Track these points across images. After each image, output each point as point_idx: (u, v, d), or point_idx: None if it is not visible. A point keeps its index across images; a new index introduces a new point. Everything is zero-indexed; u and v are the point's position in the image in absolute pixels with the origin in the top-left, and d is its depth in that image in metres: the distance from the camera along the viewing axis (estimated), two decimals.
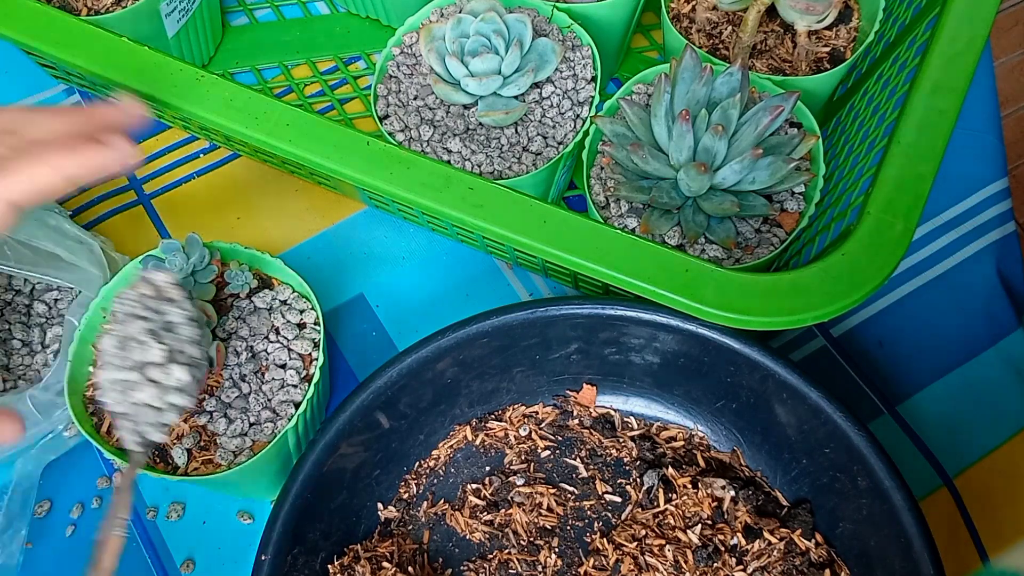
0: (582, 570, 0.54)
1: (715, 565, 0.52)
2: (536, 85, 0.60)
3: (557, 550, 0.54)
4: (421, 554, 0.55)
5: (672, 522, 0.54)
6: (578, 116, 0.60)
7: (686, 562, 0.52)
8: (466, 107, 0.60)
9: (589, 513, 0.55)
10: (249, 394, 0.53)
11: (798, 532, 0.52)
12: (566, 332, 0.54)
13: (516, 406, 0.58)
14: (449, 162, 0.58)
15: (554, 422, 0.58)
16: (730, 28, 0.62)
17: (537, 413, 0.58)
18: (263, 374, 0.54)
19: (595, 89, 0.60)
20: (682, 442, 0.57)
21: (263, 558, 0.48)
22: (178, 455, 0.51)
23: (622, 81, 0.62)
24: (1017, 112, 1.53)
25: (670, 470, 0.55)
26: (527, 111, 0.60)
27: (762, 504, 0.54)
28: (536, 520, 0.55)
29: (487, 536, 0.55)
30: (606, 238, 0.48)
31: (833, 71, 0.59)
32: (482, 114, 0.59)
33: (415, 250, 0.67)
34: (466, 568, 0.54)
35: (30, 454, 0.58)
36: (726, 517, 0.53)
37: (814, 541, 0.52)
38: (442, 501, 0.56)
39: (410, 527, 0.56)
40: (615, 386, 0.57)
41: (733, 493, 0.53)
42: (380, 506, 0.55)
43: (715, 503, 0.54)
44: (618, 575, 0.53)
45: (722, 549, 0.53)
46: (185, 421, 0.52)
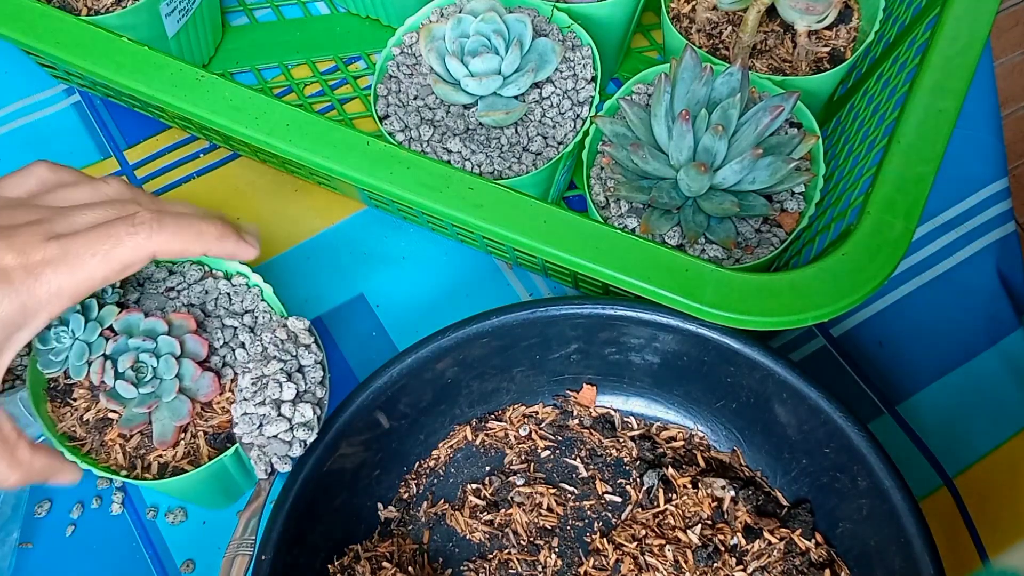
0: (582, 570, 0.54)
1: (715, 565, 0.52)
2: (536, 85, 0.60)
3: (557, 550, 0.54)
4: (421, 554, 0.55)
5: (672, 522, 0.54)
6: (578, 116, 0.60)
7: (686, 562, 0.52)
8: (466, 107, 0.61)
9: (589, 513, 0.55)
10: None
11: (798, 532, 0.52)
12: (566, 332, 0.54)
13: (516, 406, 0.58)
14: (449, 162, 0.58)
15: (554, 422, 0.58)
16: (730, 28, 0.62)
17: (537, 413, 0.58)
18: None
19: (595, 89, 0.60)
20: (682, 442, 0.57)
21: (263, 558, 0.48)
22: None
23: (622, 81, 0.62)
24: (1017, 112, 1.53)
25: (670, 470, 0.55)
26: (527, 111, 0.60)
27: (762, 504, 0.54)
28: (536, 520, 0.55)
29: (487, 536, 0.55)
30: (606, 238, 0.48)
31: (833, 71, 0.59)
32: (482, 114, 0.59)
33: (415, 250, 0.67)
34: (466, 568, 0.54)
35: None
36: (726, 517, 0.53)
37: (814, 541, 0.52)
38: (442, 501, 0.56)
39: (410, 527, 0.56)
40: (615, 386, 0.57)
41: (733, 493, 0.53)
42: (380, 506, 0.55)
43: (715, 503, 0.54)
44: (618, 575, 0.53)
45: (722, 549, 0.53)
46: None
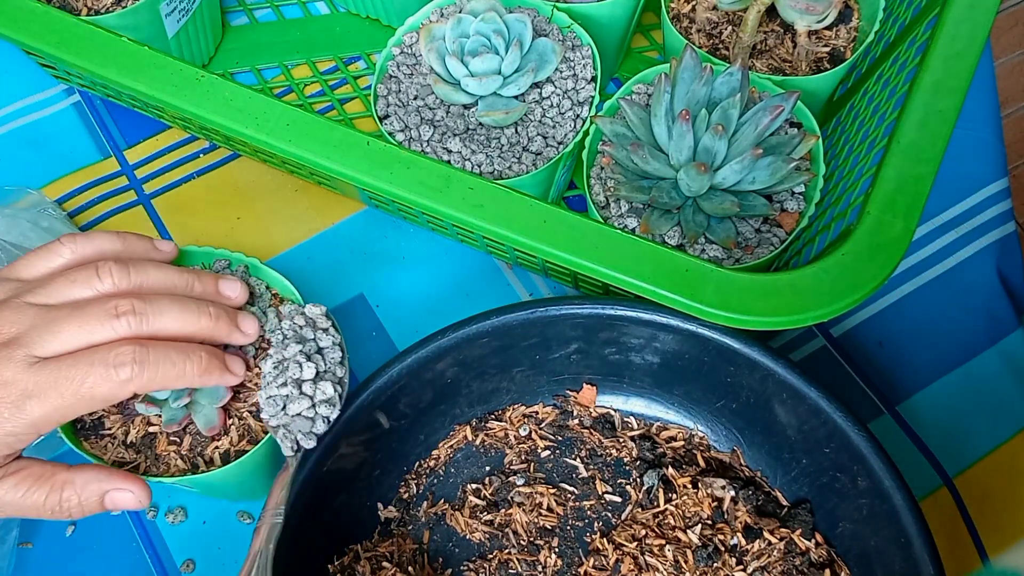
0: (582, 570, 0.54)
1: (715, 565, 0.52)
2: (536, 85, 0.60)
3: (557, 550, 0.54)
4: (421, 554, 0.55)
5: (672, 522, 0.54)
6: (578, 116, 0.60)
7: (686, 562, 0.52)
8: (466, 107, 0.61)
9: (589, 513, 0.55)
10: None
11: (798, 532, 0.52)
12: (566, 332, 0.54)
13: (516, 406, 0.58)
14: (449, 162, 0.58)
15: (554, 422, 0.58)
16: (730, 28, 0.62)
17: (537, 413, 0.58)
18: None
19: (595, 89, 0.60)
20: (682, 442, 0.57)
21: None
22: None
23: (622, 81, 0.62)
24: (1017, 112, 1.53)
25: (670, 470, 0.55)
26: (527, 111, 0.60)
27: (762, 504, 0.54)
28: (536, 520, 0.55)
29: (487, 536, 0.55)
30: (606, 238, 0.48)
31: (833, 71, 0.59)
32: (482, 114, 0.59)
33: (415, 250, 0.67)
34: (466, 568, 0.54)
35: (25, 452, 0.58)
36: (726, 517, 0.53)
37: (814, 541, 0.52)
38: (442, 501, 0.56)
39: (410, 527, 0.56)
40: (615, 386, 0.57)
41: (733, 493, 0.54)
42: (380, 506, 0.55)
43: (715, 503, 0.54)
44: (618, 575, 0.53)
45: (722, 549, 0.53)
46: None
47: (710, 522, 0.54)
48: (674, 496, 0.54)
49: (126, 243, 0.49)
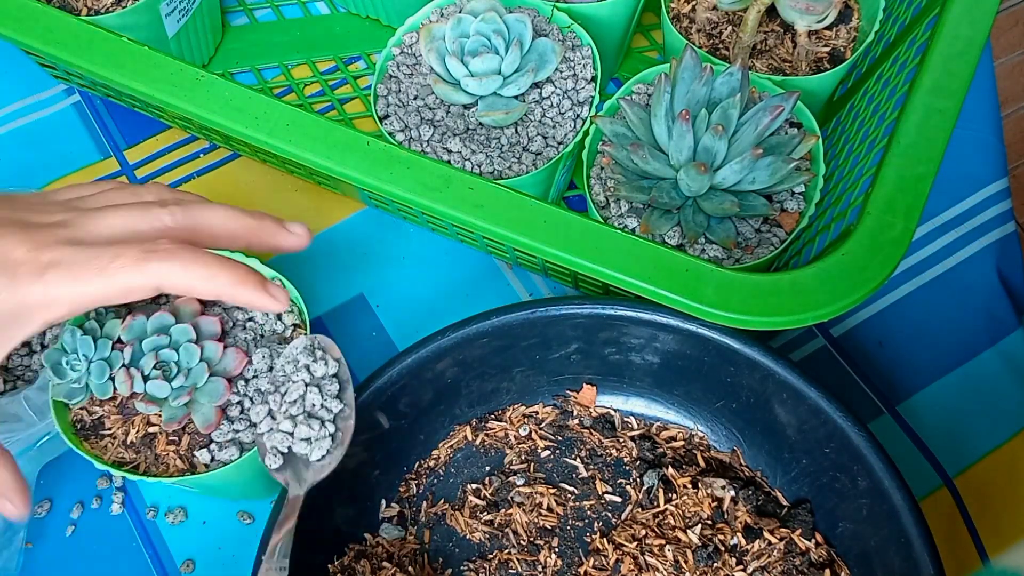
0: (582, 570, 0.54)
1: (715, 565, 0.52)
2: (536, 85, 0.60)
3: (557, 550, 0.54)
4: (421, 554, 0.55)
5: (672, 522, 0.54)
6: (578, 116, 0.60)
7: (686, 562, 0.52)
8: (466, 107, 0.61)
9: (589, 513, 0.55)
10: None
11: (798, 532, 0.52)
12: (566, 332, 0.54)
13: (516, 406, 0.58)
14: (449, 162, 0.58)
15: (554, 422, 0.58)
16: (730, 28, 0.62)
17: (537, 413, 0.58)
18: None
19: (595, 89, 0.60)
20: (682, 442, 0.57)
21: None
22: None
23: (622, 81, 0.62)
24: (1017, 112, 1.53)
25: (670, 470, 0.55)
26: (527, 111, 0.60)
27: (762, 504, 0.54)
28: (536, 520, 0.55)
29: (487, 536, 0.55)
30: (606, 238, 0.48)
31: (833, 71, 0.59)
32: (482, 114, 0.59)
33: (415, 250, 0.67)
34: (466, 568, 0.54)
35: (28, 455, 0.58)
36: (726, 517, 0.53)
37: (814, 541, 0.52)
38: (442, 501, 0.56)
39: (410, 527, 0.56)
40: (615, 386, 0.57)
41: (733, 493, 0.54)
42: (380, 506, 0.55)
43: (715, 503, 0.54)
44: (618, 575, 0.53)
45: (722, 549, 0.53)
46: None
47: (710, 522, 0.54)
48: (674, 496, 0.54)
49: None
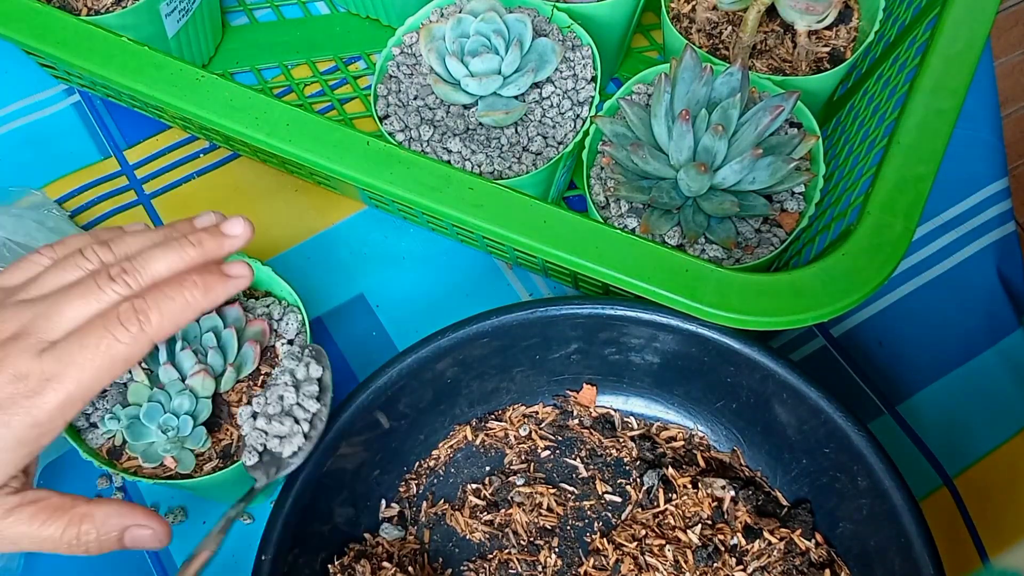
0: (582, 570, 0.54)
1: (715, 565, 0.52)
2: (536, 85, 0.60)
3: (557, 550, 0.54)
4: (421, 554, 0.55)
5: (672, 522, 0.54)
6: (578, 116, 0.60)
7: (686, 562, 0.52)
8: (466, 107, 0.61)
9: (589, 513, 0.55)
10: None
11: (798, 532, 0.52)
12: (566, 332, 0.54)
13: (516, 406, 0.58)
14: (449, 162, 0.58)
15: (554, 422, 0.58)
16: (730, 28, 0.62)
17: (537, 413, 0.58)
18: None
19: (595, 89, 0.60)
20: (682, 442, 0.57)
21: (263, 558, 0.48)
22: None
23: (622, 81, 0.62)
24: (1017, 112, 1.53)
25: (670, 470, 0.55)
26: (527, 111, 0.60)
27: (762, 504, 0.54)
28: (536, 520, 0.55)
29: (487, 536, 0.55)
30: (606, 238, 0.48)
31: (833, 71, 0.59)
32: (482, 114, 0.59)
33: (415, 250, 0.67)
34: (466, 568, 0.54)
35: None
36: (726, 517, 0.53)
37: (814, 541, 0.52)
38: (442, 501, 0.56)
39: (410, 527, 0.56)
40: (615, 386, 0.57)
41: (733, 493, 0.54)
42: (380, 506, 0.55)
43: (715, 503, 0.54)
44: (618, 575, 0.53)
45: (722, 549, 0.53)
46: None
47: (710, 522, 0.54)
48: (674, 496, 0.54)
49: (98, 235, 0.49)
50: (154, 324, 0.42)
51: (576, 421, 0.57)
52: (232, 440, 0.52)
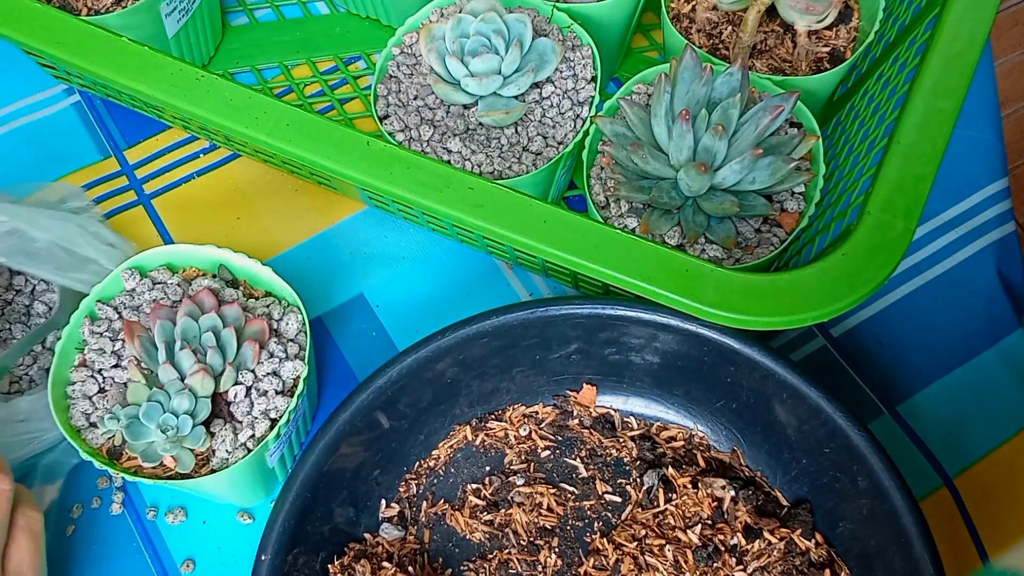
0: (582, 570, 0.54)
1: (715, 565, 0.52)
2: (536, 85, 0.60)
3: (557, 550, 0.54)
4: (421, 554, 0.55)
5: (672, 522, 0.54)
6: (578, 116, 0.60)
7: (686, 562, 0.52)
8: (466, 107, 0.61)
9: (589, 513, 0.55)
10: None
11: (798, 532, 0.52)
12: (566, 332, 0.54)
13: (516, 406, 0.58)
14: (449, 162, 0.58)
15: (554, 422, 0.58)
16: (730, 28, 0.62)
17: (537, 413, 0.58)
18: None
19: (595, 89, 0.60)
20: (682, 442, 0.57)
21: (263, 558, 0.48)
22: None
23: (622, 81, 0.62)
24: (1017, 112, 1.53)
25: (670, 470, 0.55)
26: (527, 111, 0.60)
27: (762, 504, 0.54)
28: (536, 520, 0.55)
29: (487, 536, 0.55)
30: (606, 238, 0.48)
31: (833, 71, 0.59)
32: (482, 114, 0.59)
33: (415, 250, 0.67)
34: (466, 568, 0.54)
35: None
36: (726, 517, 0.53)
37: (814, 541, 0.52)
38: (442, 501, 0.56)
39: (410, 527, 0.56)
40: (615, 386, 0.57)
41: (733, 493, 0.54)
42: (380, 506, 0.55)
43: (715, 503, 0.54)
44: (618, 575, 0.53)
45: (722, 549, 0.53)
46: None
47: (710, 522, 0.54)
48: (674, 496, 0.54)
49: None
50: None
51: (576, 421, 0.57)
52: None
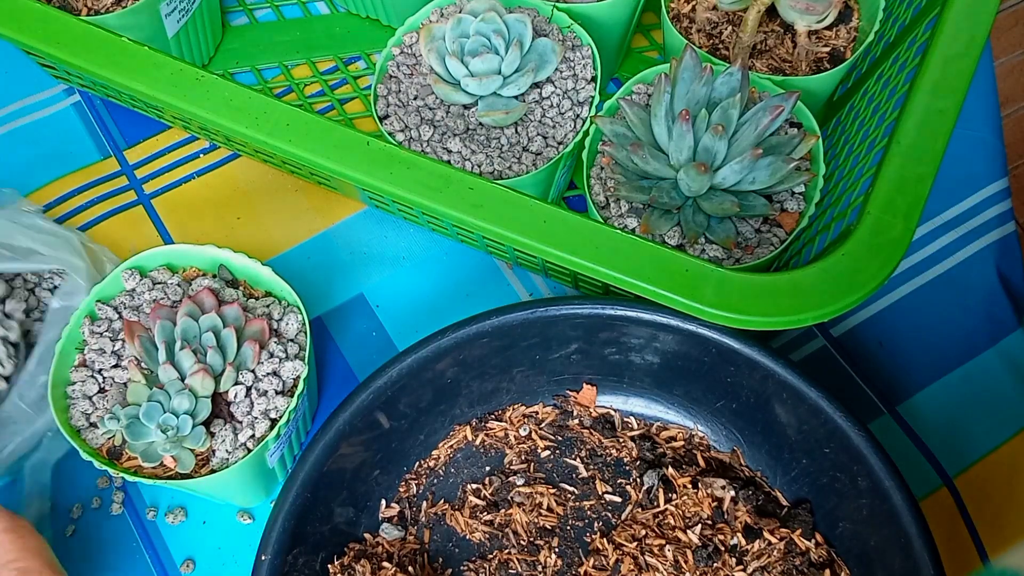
0: (582, 570, 0.54)
1: (715, 565, 0.52)
2: (536, 85, 0.60)
3: (557, 550, 0.54)
4: (421, 554, 0.55)
5: (672, 522, 0.54)
6: (578, 116, 0.60)
7: (686, 562, 0.52)
8: (466, 107, 0.61)
9: (589, 513, 0.55)
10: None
11: (798, 532, 0.52)
12: (566, 332, 0.54)
13: (516, 406, 0.58)
14: (449, 162, 0.58)
15: (554, 422, 0.58)
16: (730, 28, 0.62)
17: (537, 413, 0.58)
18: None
19: (595, 89, 0.60)
20: (682, 442, 0.57)
21: (263, 558, 0.48)
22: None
23: (622, 81, 0.62)
24: (1017, 112, 1.53)
25: (670, 470, 0.55)
26: (527, 111, 0.60)
27: (762, 504, 0.54)
28: (536, 520, 0.55)
29: (487, 536, 0.55)
30: (606, 238, 0.48)
31: (833, 71, 0.59)
32: (482, 114, 0.59)
33: (415, 250, 0.67)
34: (466, 568, 0.54)
35: (42, 449, 0.57)
36: (726, 517, 0.53)
37: (814, 541, 0.52)
38: (442, 501, 0.56)
39: (410, 527, 0.56)
40: (615, 386, 0.57)
41: (733, 493, 0.54)
42: (380, 505, 0.55)
43: (715, 503, 0.54)
44: (618, 575, 0.53)
45: (722, 549, 0.53)
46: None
47: (710, 522, 0.54)
48: (674, 496, 0.54)
49: None
50: None
51: (576, 421, 0.57)
52: None
